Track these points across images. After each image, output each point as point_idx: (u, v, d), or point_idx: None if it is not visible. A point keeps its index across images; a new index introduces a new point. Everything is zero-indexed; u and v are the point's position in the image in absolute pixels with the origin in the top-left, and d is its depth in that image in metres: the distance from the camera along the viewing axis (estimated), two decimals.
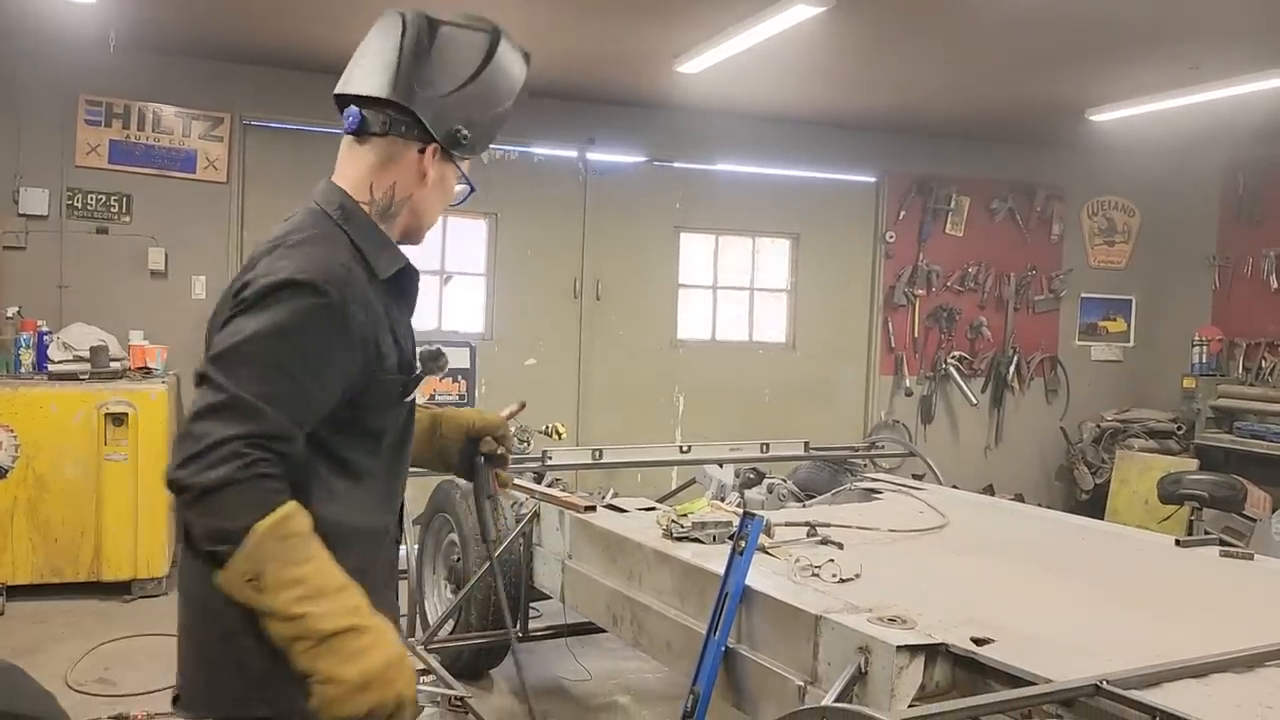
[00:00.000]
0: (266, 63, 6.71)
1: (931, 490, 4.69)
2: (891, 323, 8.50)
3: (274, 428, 1.54)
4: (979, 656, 2.34)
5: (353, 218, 1.82)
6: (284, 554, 1.50)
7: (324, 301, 1.62)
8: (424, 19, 1.82)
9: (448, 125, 1.81)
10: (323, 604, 1.51)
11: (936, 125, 8.08)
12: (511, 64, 1.88)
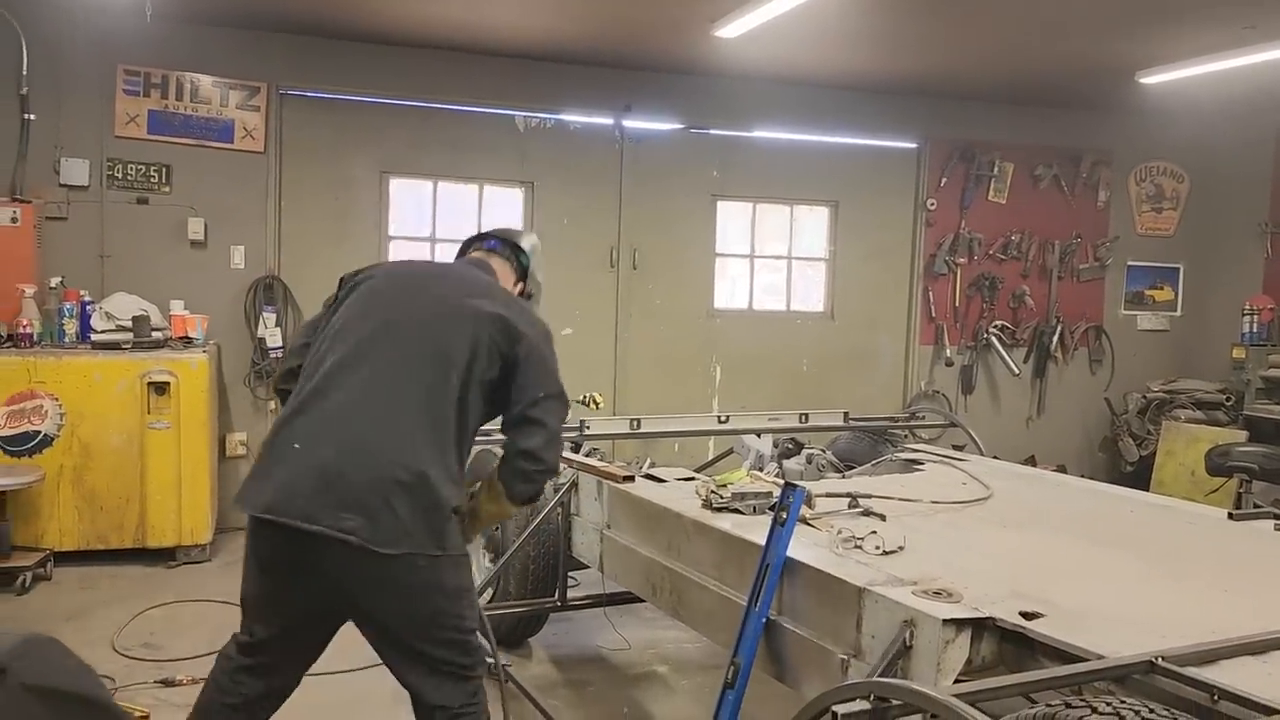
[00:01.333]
0: (303, 31, 6.69)
1: (974, 461, 4.62)
2: (932, 292, 8.37)
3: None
4: (1028, 631, 2.29)
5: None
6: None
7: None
8: (536, 240, 3.52)
9: (528, 283, 3.29)
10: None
11: (980, 89, 7.90)
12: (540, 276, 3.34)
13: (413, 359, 2.66)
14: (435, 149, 7.16)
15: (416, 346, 2.68)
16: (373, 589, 2.54)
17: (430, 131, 7.15)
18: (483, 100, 7.23)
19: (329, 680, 4.21)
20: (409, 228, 7.30)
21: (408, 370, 2.64)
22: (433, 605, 2.59)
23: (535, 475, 2.82)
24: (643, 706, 4.17)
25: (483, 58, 7.09)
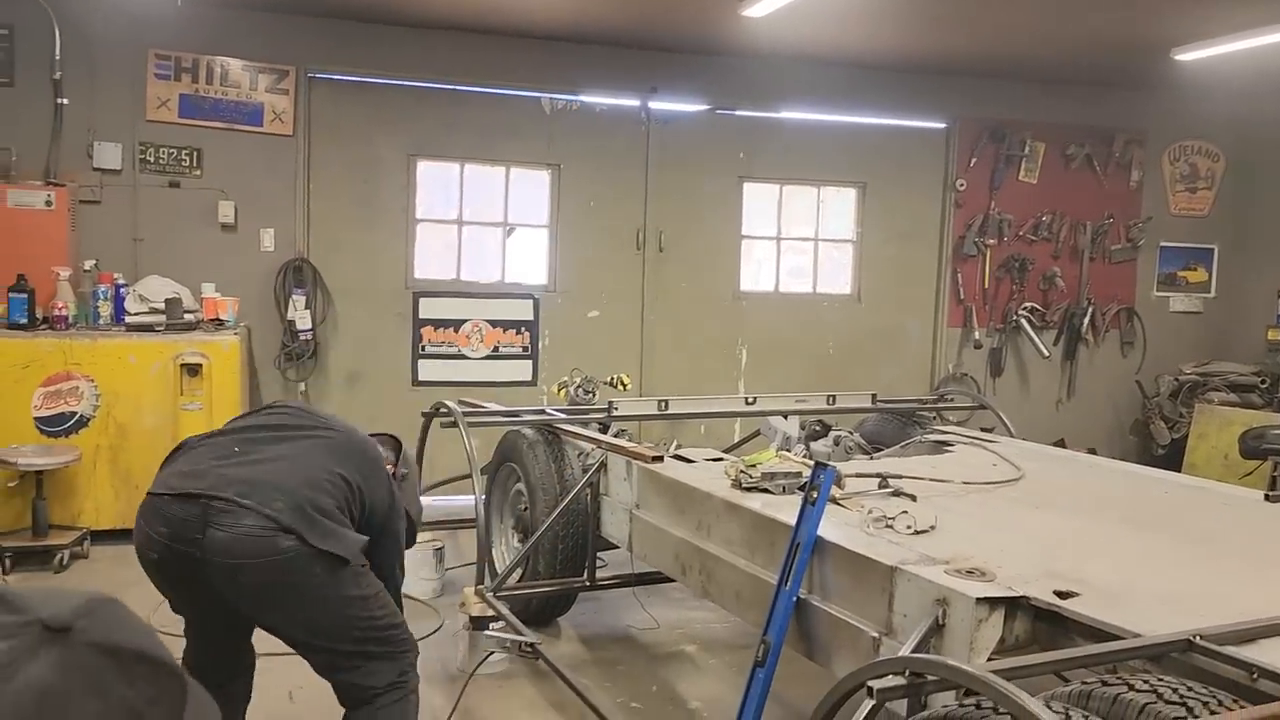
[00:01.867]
0: (331, 14, 6.70)
1: (1004, 443, 4.60)
2: (961, 274, 8.30)
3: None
4: (1063, 610, 2.28)
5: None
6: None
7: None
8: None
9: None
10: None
11: (1011, 68, 7.81)
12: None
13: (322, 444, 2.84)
14: (462, 132, 7.17)
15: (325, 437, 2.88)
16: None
17: (457, 114, 7.16)
18: (510, 83, 7.23)
19: None
20: (436, 210, 7.33)
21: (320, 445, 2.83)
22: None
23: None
24: (672, 685, 4.19)
25: (510, 40, 7.09)
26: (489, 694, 3.96)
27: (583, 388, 5.37)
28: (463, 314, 7.25)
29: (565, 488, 4.41)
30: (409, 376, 7.18)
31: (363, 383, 7.10)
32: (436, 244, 7.34)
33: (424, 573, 5.09)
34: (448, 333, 7.22)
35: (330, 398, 7.02)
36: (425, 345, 7.20)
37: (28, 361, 5.62)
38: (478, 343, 7.28)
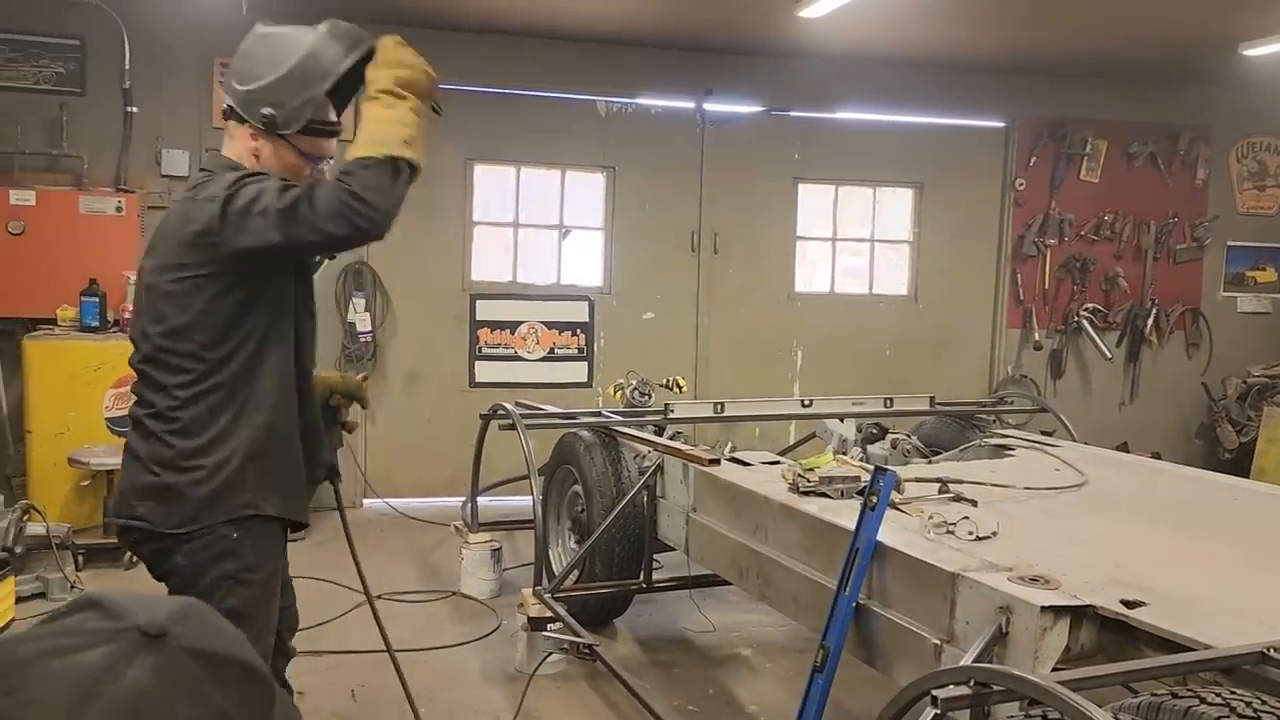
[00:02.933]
0: (389, 21, 6.79)
1: (1066, 447, 4.53)
2: (1020, 274, 8.18)
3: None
4: (1131, 620, 2.25)
5: (236, 169, 2.38)
6: (373, 175, 2.23)
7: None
8: (255, 27, 2.44)
9: (260, 110, 2.35)
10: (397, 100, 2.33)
11: (1072, 65, 7.67)
12: (323, 55, 2.35)
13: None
14: (518, 136, 7.23)
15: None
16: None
17: (514, 118, 7.23)
18: (565, 86, 7.28)
19: (421, 657, 4.33)
20: (492, 214, 7.40)
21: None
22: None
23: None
24: (729, 689, 4.19)
25: (565, 44, 7.13)
26: (547, 694, 4.00)
27: (639, 390, 5.40)
28: (519, 316, 7.32)
29: (622, 490, 4.44)
30: (466, 378, 7.26)
31: (421, 384, 7.20)
32: (493, 247, 7.42)
33: (482, 573, 5.16)
34: (504, 334, 7.30)
35: (389, 399, 7.13)
36: (482, 347, 7.28)
37: (99, 363, 5.78)
38: (534, 344, 7.34)
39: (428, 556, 5.91)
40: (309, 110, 2.34)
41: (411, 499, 7.00)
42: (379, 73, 2.35)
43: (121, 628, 0.74)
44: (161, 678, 0.72)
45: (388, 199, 2.25)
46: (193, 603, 0.82)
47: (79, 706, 0.69)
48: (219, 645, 0.77)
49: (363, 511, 6.96)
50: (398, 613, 4.94)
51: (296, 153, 2.40)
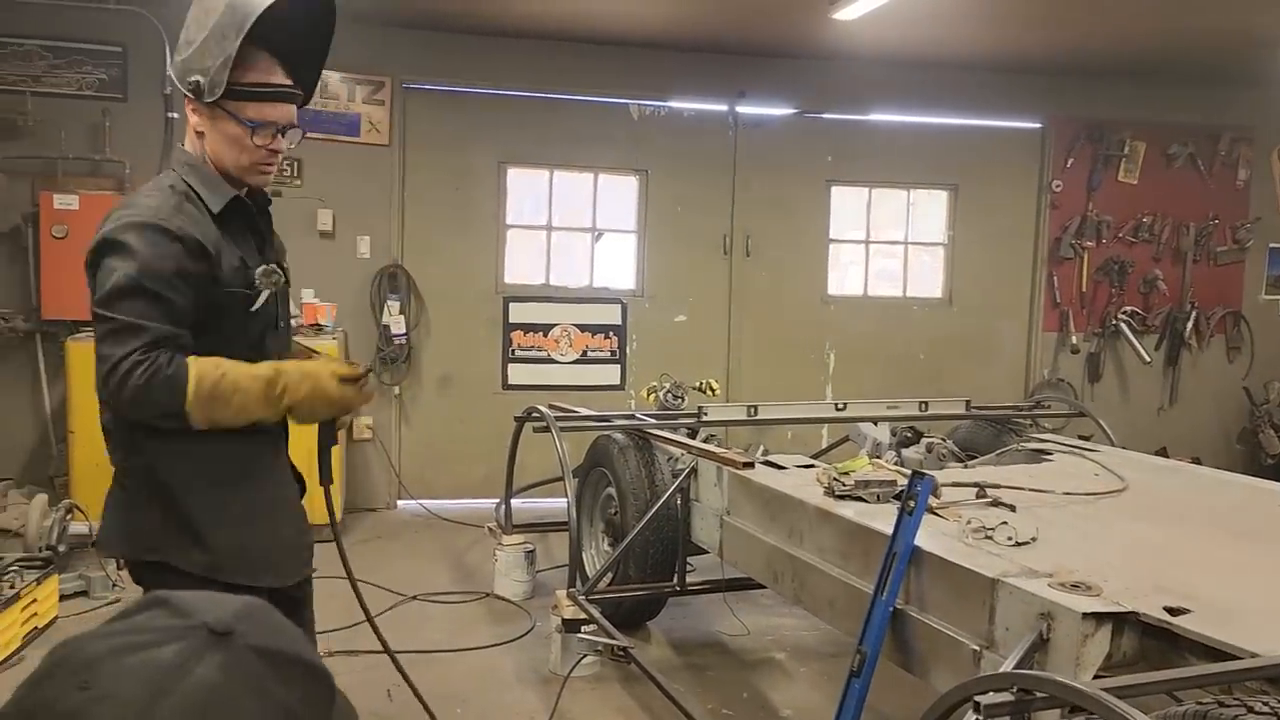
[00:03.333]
0: (424, 26, 6.86)
1: (1105, 452, 4.48)
2: (1057, 276, 8.09)
3: (157, 335, 2.04)
4: (1175, 627, 2.22)
5: (190, 169, 2.23)
6: (217, 403, 2.07)
7: (159, 232, 2.08)
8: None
9: (188, 78, 2.15)
10: (264, 405, 2.13)
11: (1109, 65, 7.58)
12: (240, 3, 2.10)
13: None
14: (551, 139, 7.26)
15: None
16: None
17: (547, 122, 7.25)
18: (598, 90, 7.30)
19: (454, 658, 4.36)
20: (526, 217, 7.43)
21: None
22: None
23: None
24: (763, 693, 4.18)
25: (598, 47, 7.15)
26: (581, 696, 4.01)
27: (672, 393, 5.40)
28: (552, 319, 7.34)
29: (656, 492, 4.44)
30: (499, 380, 7.30)
31: (454, 386, 7.24)
32: (526, 249, 7.45)
33: (515, 575, 5.18)
34: (537, 337, 7.32)
35: (422, 401, 7.19)
36: (515, 349, 7.31)
37: None
38: (566, 347, 7.37)
39: (461, 558, 5.94)
40: (225, 71, 2.10)
41: (445, 500, 7.04)
42: (300, 381, 2.17)
43: (190, 625, 0.75)
44: (229, 674, 0.73)
45: (141, 409, 2.07)
46: (255, 601, 0.83)
47: (151, 702, 0.70)
48: (282, 643, 0.79)
49: (397, 513, 7.02)
50: (432, 613, 4.98)
51: (234, 121, 2.17)
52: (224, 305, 2.19)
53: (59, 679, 0.73)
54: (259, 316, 2.27)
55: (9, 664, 4.15)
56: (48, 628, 4.54)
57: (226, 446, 2.17)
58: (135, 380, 2.01)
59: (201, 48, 2.12)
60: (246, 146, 2.20)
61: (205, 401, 2.05)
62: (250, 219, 2.31)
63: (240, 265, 2.21)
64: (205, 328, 2.16)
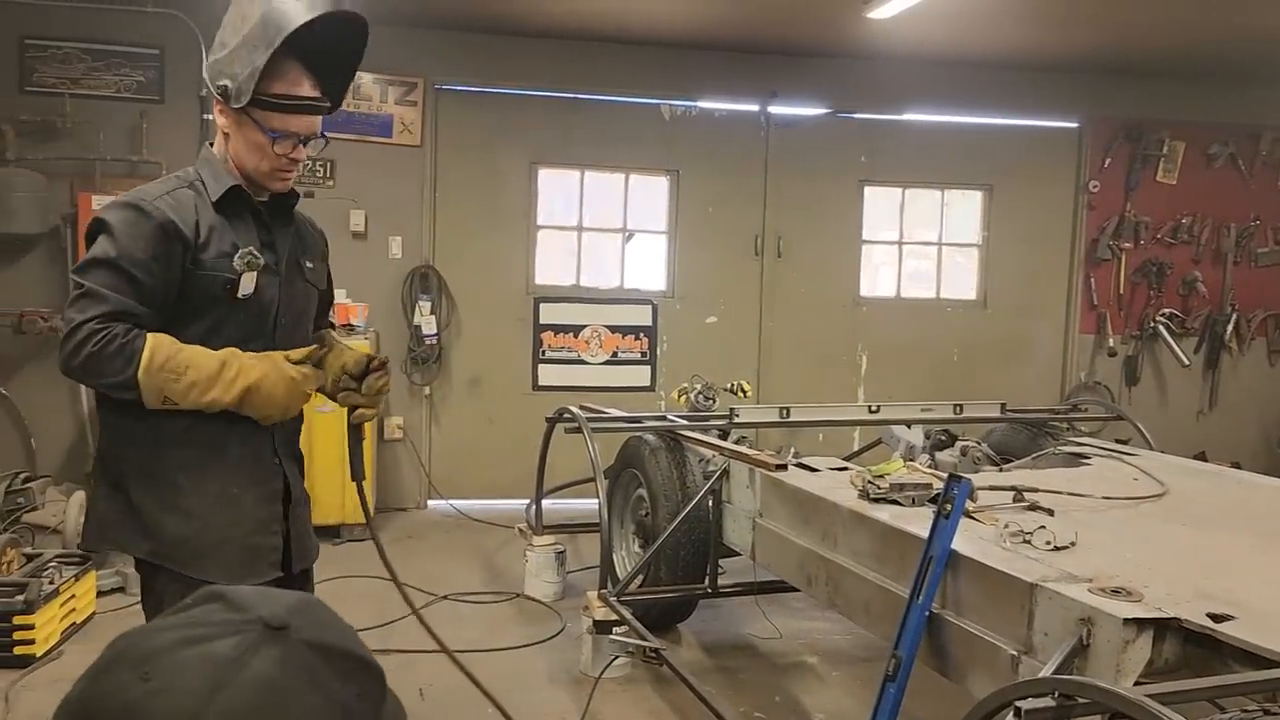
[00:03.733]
0: (456, 28, 6.89)
1: (1144, 456, 4.40)
2: (1094, 278, 7.99)
3: (119, 306, 2.08)
4: (1218, 634, 2.18)
5: (204, 162, 2.29)
6: (168, 376, 2.09)
7: (136, 211, 2.14)
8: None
9: (218, 81, 2.20)
10: (217, 386, 2.14)
11: (1148, 64, 7.48)
12: (275, 17, 2.14)
13: None
14: (582, 139, 7.27)
15: None
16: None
17: (578, 122, 7.26)
18: (629, 90, 7.30)
19: (485, 658, 4.36)
20: (556, 217, 7.44)
21: None
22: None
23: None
24: (795, 696, 4.15)
25: (629, 48, 7.15)
26: (612, 698, 4.00)
27: (703, 394, 5.38)
28: (582, 319, 7.35)
29: (687, 494, 4.42)
30: (529, 381, 7.31)
31: (484, 387, 7.26)
32: (557, 250, 7.46)
33: (546, 575, 5.18)
34: (567, 338, 7.33)
35: (453, 402, 7.21)
36: (545, 350, 7.32)
37: None
38: (597, 348, 7.37)
39: (492, 558, 5.95)
40: (252, 82, 2.14)
41: (475, 501, 7.06)
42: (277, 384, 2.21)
43: (246, 619, 0.76)
44: (286, 668, 0.73)
45: (92, 375, 2.11)
46: (308, 597, 0.83)
47: (210, 694, 0.71)
48: (336, 639, 0.79)
49: (427, 513, 7.05)
50: (464, 614, 4.99)
51: (258, 129, 2.21)
52: (205, 289, 2.19)
53: (120, 671, 0.74)
54: (250, 305, 2.25)
55: (49, 658, 4.20)
56: (86, 623, 4.59)
57: (188, 433, 2.19)
58: (90, 346, 2.05)
59: (233, 54, 2.17)
60: (267, 154, 2.24)
61: (156, 372, 2.08)
62: (254, 210, 2.30)
63: (230, 252, 2.22)
64: (193, 313, 2.19)
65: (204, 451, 2.23)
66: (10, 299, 6.31)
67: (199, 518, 2.22)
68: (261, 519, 2.31)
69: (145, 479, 2.21)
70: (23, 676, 4.01)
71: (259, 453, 2.32)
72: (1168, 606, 2.31)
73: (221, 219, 2.23)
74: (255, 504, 2.31)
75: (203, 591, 0.81)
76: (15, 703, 3.80)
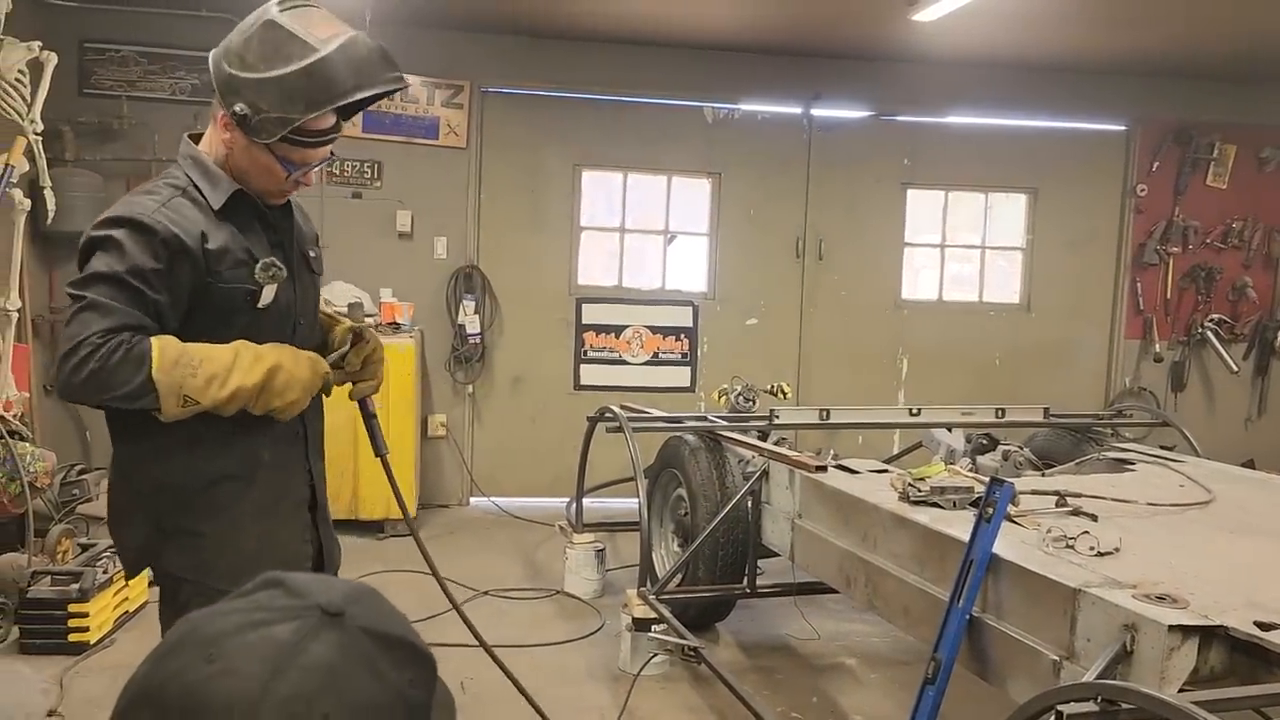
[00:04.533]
0: (503, 31, 6.96)
1: (1190, 463, 4.35)
2: (1140, 283, 7.89)
3: (126, 319, 1.97)
4: (1266, 642, 2.16)
5: (193, 163, 2.16)
6: (186, 372, 1.98)
7: (136, 227, 2.01)
8: (274, 7, 2.07)
9: (233, 102, 2.05)
10: (237, 373, 2.03)
11: (1198, 65, 7.37)
12: (320, 79, 2.03)
13: None
14: (626, 141, 7.31)
15: None
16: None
17: (621, 124, 7.30)
18: (672, 93, 7.33)
19: (525, 653, 4.42)
20: (599, 219, 7.49)
21: None
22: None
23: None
24: (832, 698, 4.16)
25: (673, 50, 7.18)
26: (650, 695, 4.03)
27: (743, 395, 5.39)
28: (624, 320, 7.39)
29: (727, 494, 4.45)
30: (571, 381, 7.36)
31: (526, 386, 7.33)
32: (599, 251, 7.51)
33: (586, 573, 5.23)
34: (609, 338, 7.37)
35: (495, 401, 7.29)
36: (587, 350, 7.37)
37: None
38: (638, 349, 7.40)
39: (532, 555, 6.01)
40: (281, 128, 2.04)
41: (516, 499, 7.13)
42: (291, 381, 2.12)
43: (305, 605, 0.78)
44: (344, 654, 0.76)
45: (101, 389, 1.97)
46: (364, 585, 0.86)
47: (272, 677, 0.73)
48: (391, 626, 0.82)
49: (469, 509, 7.12)
50: (504, 609, 5.05)
51: (276, 160, 2.12)
52: (227, 302, 2.11)
53: (186, 652, 0.77)
54: (272, 312, 2.18)
55: (101, 646, 4.31)
56: (137, 612, 4.71)
57: (224, 444, 2.13)
58: (93, 363, 1.92)
59: (260, 85, 2.02)
60: (276, 178, 2.16)
61: (170, 369, 1.96)
62: (259, 212, 2.21)
63: (246, 260, 2.13)
64: (211, 326, 2.09)
65: (239, 461, 2.16)
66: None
67: (237, 531, 2.16)
68: (295, 529, 2.30)
69: (178, 495, 2.13)
70: (76, 663, 4.13)
71: (292, 460, 2.30)
72: (1214, 614, 2.30)
73: (228, 226, 2.12)
74: (290, 513, 2.29)
75: (264, 577, 0.84)
76: (69, 688, 3.90)
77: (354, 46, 2.07)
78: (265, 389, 2.08)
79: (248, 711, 0.72)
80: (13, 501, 4.49)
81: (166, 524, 2.15)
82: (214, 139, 2.16)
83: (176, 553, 2.15)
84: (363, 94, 2.09)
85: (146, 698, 0.76)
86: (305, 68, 2.01)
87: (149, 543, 2.17)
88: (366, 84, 2.09)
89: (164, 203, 2.06)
